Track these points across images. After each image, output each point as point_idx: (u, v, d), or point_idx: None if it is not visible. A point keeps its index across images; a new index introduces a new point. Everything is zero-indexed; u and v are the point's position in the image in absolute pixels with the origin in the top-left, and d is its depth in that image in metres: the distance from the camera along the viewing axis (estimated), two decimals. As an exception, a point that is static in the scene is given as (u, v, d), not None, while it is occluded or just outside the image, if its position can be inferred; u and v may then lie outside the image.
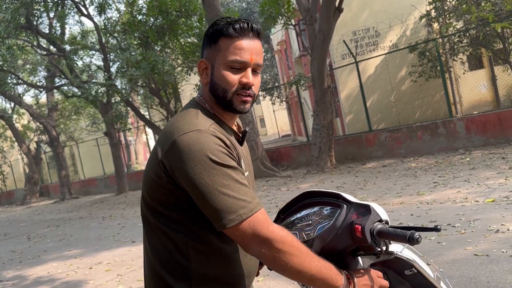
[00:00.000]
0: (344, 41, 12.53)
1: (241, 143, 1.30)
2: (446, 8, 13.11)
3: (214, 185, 1.08)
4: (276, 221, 1.40)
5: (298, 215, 1.37)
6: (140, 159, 28.48)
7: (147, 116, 19.86)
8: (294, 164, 13.13)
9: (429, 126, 10.45)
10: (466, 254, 3.71)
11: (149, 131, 23.48)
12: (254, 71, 1.23)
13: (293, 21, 13.01)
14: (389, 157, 10.90)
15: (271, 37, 29.86)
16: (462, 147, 9.85)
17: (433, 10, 13.30)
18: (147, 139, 22.19)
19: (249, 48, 1.20)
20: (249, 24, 1.20)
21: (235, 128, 1.32)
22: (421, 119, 13.22)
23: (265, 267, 1.33)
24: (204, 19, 13.12)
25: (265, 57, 34.54)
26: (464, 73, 13.90)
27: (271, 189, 9.92)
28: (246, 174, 1.25)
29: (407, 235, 1.11)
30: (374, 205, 1.23)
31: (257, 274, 1.42)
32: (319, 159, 10.88)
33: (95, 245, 7.48)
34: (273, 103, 29.36)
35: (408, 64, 13.75)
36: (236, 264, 1.23)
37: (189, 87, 16.86)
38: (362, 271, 1.22)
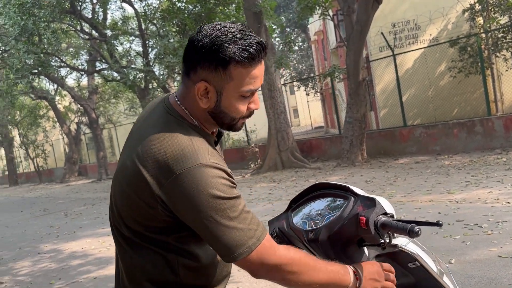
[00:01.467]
0: (382, 33, 12.28)
1: (216, 143, 1.26)
2: (490, 2, 12.61)
3: (221, 221, 1.06)
4: (288, 210, 1.48)
5: (311, 205, 1.44)
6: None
7: (182, 103, 20.15)
8: (325, 156, 13.09)
9: (466, 124, 10.17)
10: (490, 255, 3.67)
11: (183, 117, 23.79)
12: None
13: (330, 12, 12.87)
14: (422, 153, 10.70)
15: (308, 26, 29.55)
16: (499, 146, 9.55)
17: (477, 4, 12.82)
18: (181, 125, 22.51)
19: (261, 74, 1.12)
20: (263, 46, 1.10)
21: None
22: (458, 116, 12.85)
23: None
24: (241, 8, 13.18)
25: (301, 47, 34.26)
26: (506, 70, 13.34)
27: (299, 180, 9.97)
28: None
29: (408, 228, 1.17)
30: (379, 199, 1.29)
31: None
32: (350, 152, 10.81)
33: (127, 225, 7.77)
34: (307, 94, 29.10)
35: (448, 59, 13.34)
36: (220, 268, 1.27)
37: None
38: (369, 264, 1.26)
